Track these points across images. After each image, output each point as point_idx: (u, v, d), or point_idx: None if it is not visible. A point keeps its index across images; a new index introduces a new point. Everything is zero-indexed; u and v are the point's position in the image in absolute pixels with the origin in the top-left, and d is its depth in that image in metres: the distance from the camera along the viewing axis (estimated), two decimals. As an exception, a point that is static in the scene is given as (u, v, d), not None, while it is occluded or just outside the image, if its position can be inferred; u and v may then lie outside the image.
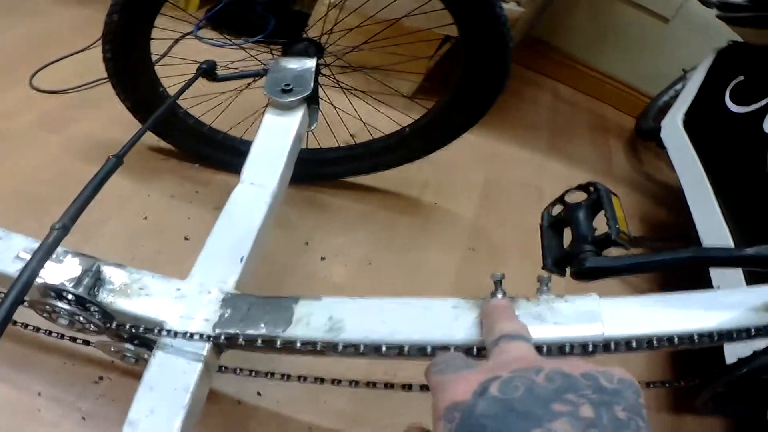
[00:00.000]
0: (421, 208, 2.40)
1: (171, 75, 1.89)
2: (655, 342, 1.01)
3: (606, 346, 1.01)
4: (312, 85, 1.69)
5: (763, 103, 2.09)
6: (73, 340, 1.32)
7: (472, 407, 0.56)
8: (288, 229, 2.09)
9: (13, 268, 1.14)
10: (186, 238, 1.94)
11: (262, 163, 1.51)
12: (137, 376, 1.09)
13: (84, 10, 3.00)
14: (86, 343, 1.32)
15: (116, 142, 1.20)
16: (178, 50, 2.71)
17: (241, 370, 1.28)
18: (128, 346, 1.18)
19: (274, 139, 1.58)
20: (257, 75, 1.84)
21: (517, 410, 0.54)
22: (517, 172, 2.85)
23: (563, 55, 4.00)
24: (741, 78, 2.35)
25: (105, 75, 1.90)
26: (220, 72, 1.83)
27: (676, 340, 1.01)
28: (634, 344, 1.01)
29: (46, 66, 2.57)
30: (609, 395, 0.56)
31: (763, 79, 2.22)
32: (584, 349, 1.01)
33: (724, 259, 1.16)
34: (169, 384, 1.06)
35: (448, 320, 1.07)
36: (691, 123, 2.46)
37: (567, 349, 1.01)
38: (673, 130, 2.49)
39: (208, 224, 1.33)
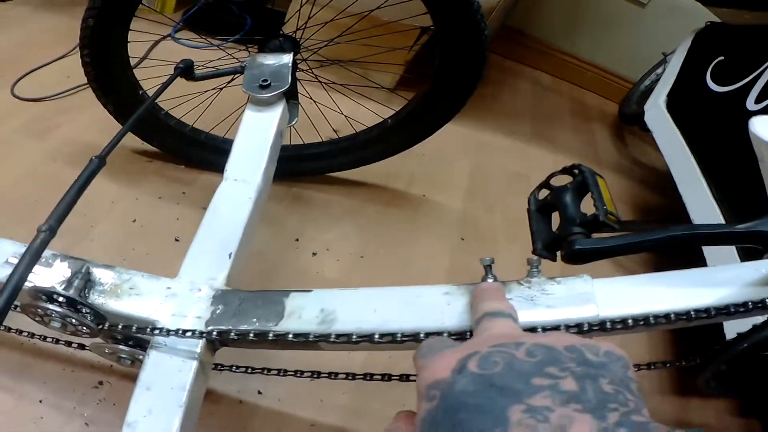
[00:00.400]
0: (409, 201, 2.40)
1: (151, 77, 1.89)
2: (651, 320, 1.00)
3: (602, 327, 1.01)
4: (290, 79, 1.69)
5: (744, 81, 2.09)
6: (69, 344, 1.32)
7: (451, 385, 0.56)
8: (277, 226, 2.10)
9: (2, 274, 1.14)
10: (176, 239, 1.94)
11: (244, 159, 1.51)
12: (135, 379, 1.09)
13: (62, 18, 3.01)
14: (82, 347, 1.32)
15: (100, 146, 1.20)
16: (156, 53, 2.72)
17: (237, 367, 1.28)
18: (122, 347, 1.18)
19: (255, 135, 1.59)
20: (235, 72, 1.84)
21: (496, 385, 0.53)
22: (502, 161, 2.86)
23: (542, 44, 4.00)
24: (721, 58, 2.35)
25: (85, 80, 1.90)
26: (198, 71, 1.83)
27: (672, 317, 1.00)
28: (630, 323, 1.00)
29: (27, 74, 2.57)
30: (594, 368, 0.55)
31: (743, 57, 2.23)
32: (579, 329, 1.01)
33: (715, 236, 1.15)
34: (166, 383, 1.06)
35: (439, 307, 1.07)
36: (673, 105, 2.46)
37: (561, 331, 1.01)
38: (656, 113, 2.50)
39: (197, 224, 1.34)
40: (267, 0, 3.47)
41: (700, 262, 1.82)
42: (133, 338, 1.17)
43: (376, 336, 1.03)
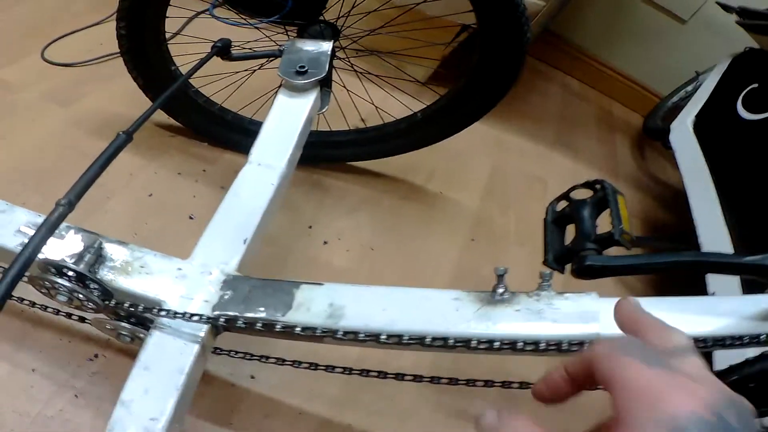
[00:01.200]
0: (425, 196, 2.41)
1: (183, 54, 1.89)
2: (651, 343, 1.01)
3: (601, 345, 1.02)
4: (327, 67, 1.69)
5: (774, 112, 2.09)
6: (69, 316, 1.32)
7: (713, 427, 0.54)
8: (292, 212, 2.10)
9: (14, 243, 1.15)
10: (191, 217, 1.94)
11: (271, 145, 1.52)
12: (132, 355, 1.09)
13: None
14: (82, 319, 1.32)
15: (125, 117, 1.21)
16: (192, 28, 2.71)
17: (236, 352, 1.29)
18: (125, 324, 1.18)
19: (286, 121, 1.59)
20: (272, 56, 1.84)
21: None
22: (522, 164, 2.86)
23: (576, 49, 3.99)
24: (755, 85, 2.34)
25: (117, 50, 1.89)
26: (234, 51, 1.83)
27: (670, 343, 1.01)
28: (630, 345, 1.01)
29: (59, 38, 2.57)
30: None
31: (777, 88, 2.22)
32: (580, 346, 1.02)
33: (723, 265, 1.16)
34: (165, 365, 1.07)
35: (448, 312, 1.09)
36: (701, 126, 2.46)
37: (564, 347, 1.02)
38: (682, 133, 2.49)
39: (213, 203, 1.34)
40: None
41: (704, 285, 1.84)
42: (138, 317, 1.17)
43: (383, 336, 1.04)
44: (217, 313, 1.11)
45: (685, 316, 1.07)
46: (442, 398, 1.68)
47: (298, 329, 1.06)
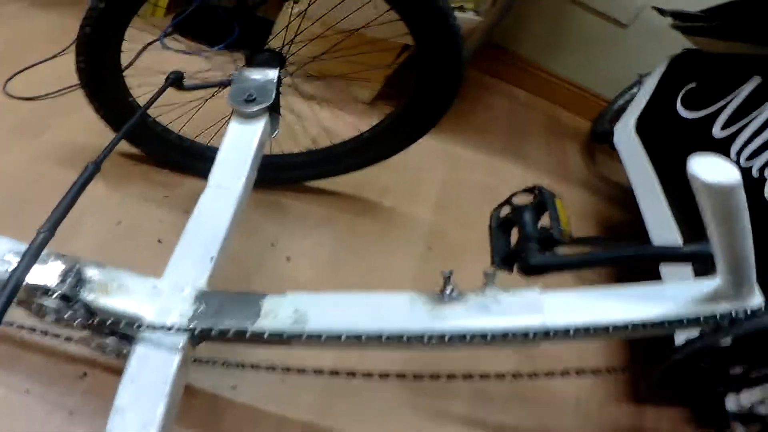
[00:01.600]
0: (381, 211, 2.46)
1: (140, 84, 1.94)
2: (592, 331, 1.09)
3: (546, 335, 1.10)
4: (273, 95, 1.75)
5: (712, 108, 2.15)
6: (57, 337, 1.39)
7: None
8: (255, 232, 2.15)
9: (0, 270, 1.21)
10: (159, 241, 1.99)
11: (227, 169, 1.58)
12: (119, 372, 1.16)
13: (57, 15, 3.01)
14: (68, 339, 1.39)
15: (90, 147, 1.27)
16: (145, 58, 2.76)
17: (215, 362, 1.36)
18: (109, 341, 1.25)
19: (239, 146, 1.65)
20: (222, 85, 1.91)
21: None
22: (474, 175, 2.91)
23: (520, 60, 4.00)
24: (693, 84, 2.40)
25: (77, 82, 1.93)
26: (187, 81, 1.89)
27: (611, 329, 1.09)
28: (572, 333, 1.09)
29: (20, 72, 2.59)
30: None
31: (714, 85, 2.28)
32: (525, 337, 1.10)
33: (663, 255, 1.24)
34: (150, 375, 1.14)
35: (403, 312, 1.17)
36: (643, 127, 2.50)
37: (509, 337, 1.10)
38: (625, 135, 2.54)
39: (179, 227, 1.41)
40: (257, 7, 3.50)
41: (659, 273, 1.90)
42: (120, 333, 1.24)
43: (344, 337, 1.13)
44: (193, 325, 1.18)
45: (627, 303, 1.14)
46: (419, 400, 1.76)
47: (266, 335, 1.15)
